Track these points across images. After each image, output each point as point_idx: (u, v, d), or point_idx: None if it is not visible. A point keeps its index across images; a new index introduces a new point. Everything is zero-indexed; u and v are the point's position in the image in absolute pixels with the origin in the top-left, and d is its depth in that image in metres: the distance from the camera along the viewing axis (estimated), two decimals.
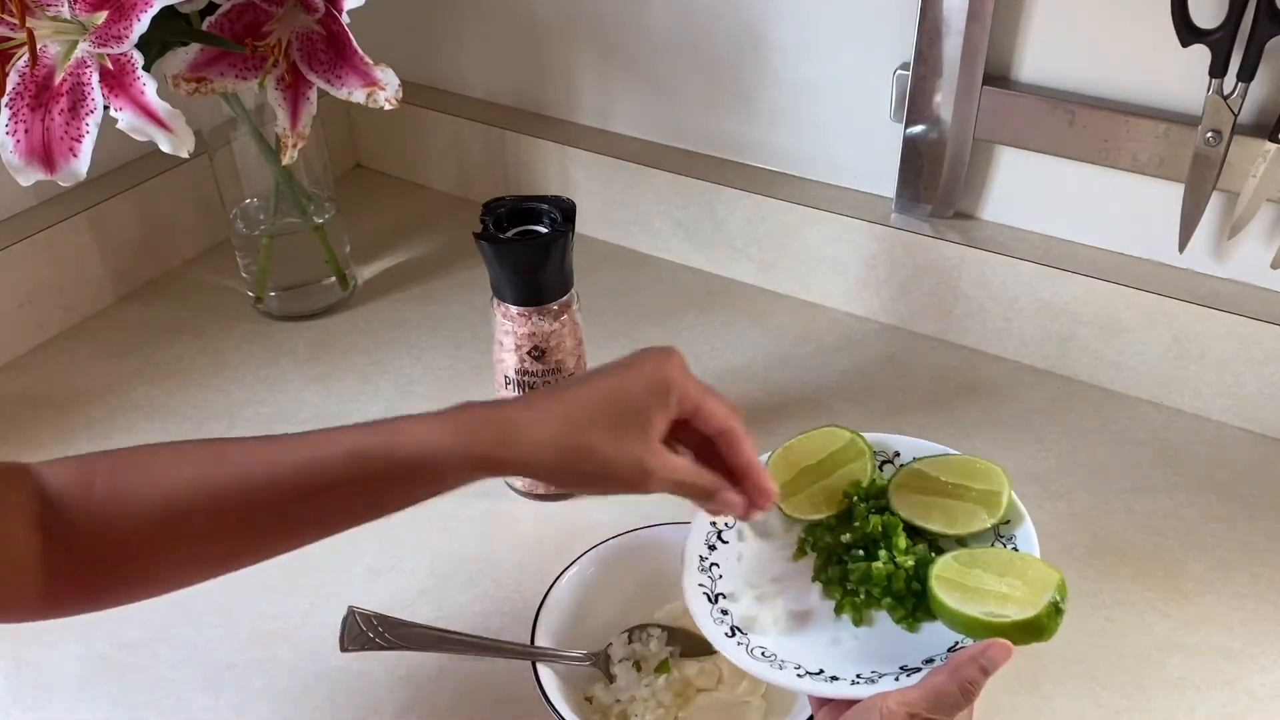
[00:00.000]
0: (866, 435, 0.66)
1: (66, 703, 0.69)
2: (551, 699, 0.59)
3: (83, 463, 0.54)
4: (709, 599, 0.60)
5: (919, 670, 0.53)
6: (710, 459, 0.58)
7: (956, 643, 0.55)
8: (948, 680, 0.50)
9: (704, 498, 0.58)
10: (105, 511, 0.53)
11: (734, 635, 0.58)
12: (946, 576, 0.56)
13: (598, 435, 0.54)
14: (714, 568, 0.61)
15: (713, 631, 0.58)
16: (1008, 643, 0.51)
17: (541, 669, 0.61)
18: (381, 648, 0.61)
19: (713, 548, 0.63)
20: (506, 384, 0.79)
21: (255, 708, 0.69)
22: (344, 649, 0.61)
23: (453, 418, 0.55)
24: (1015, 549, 0.59)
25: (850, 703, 0.52)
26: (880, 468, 0.65)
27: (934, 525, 0.61)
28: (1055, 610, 0.52)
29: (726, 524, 0.64)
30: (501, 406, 0.57)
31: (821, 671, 0.55)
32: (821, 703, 0.55)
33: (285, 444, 0.55)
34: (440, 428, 0.54)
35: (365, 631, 0.61)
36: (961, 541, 0.60)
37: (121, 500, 0.53)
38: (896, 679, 0.53)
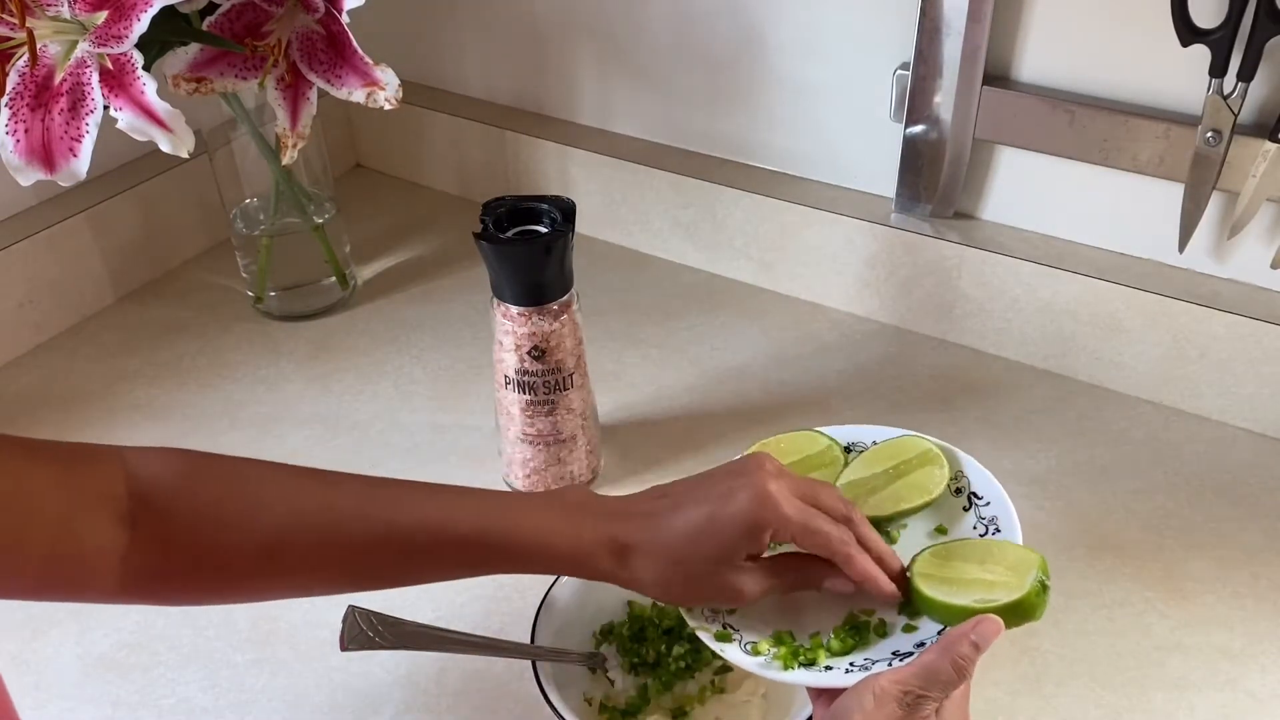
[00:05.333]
0: (835, 430, 0.67)
1: (66, 703, 0.69)
2: (551, 699, 0.59)
3: (186, 465, 0.54)
4: None
5: (912, 655, 0.53)
6: None
7: (946, 627, 0.55)
8: (939, 657, 0.50)
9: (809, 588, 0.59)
10: (205, 524, 0.53)
11: (725, 630, 0.58)
12: (928, 573, 0.57)
13: (695, 570, 0.56)
14: None
15: (704, 629, 0.58)
16: (998, 618, 0.51)
17: (541, 668, 0.61)
18: (381, 647, 0.61)
19: None
20: (506, 384, 0.79)
21: (255, 708, 0.69)
22: (344, 648, 0.61)
23: (572, 521, 0.57)
24: (974, 493, 0.61)
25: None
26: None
27: (913, 503, 0.62)
28: (1042, 588, 0.53)
29: None
30: (615, 523, 0.57)
31: (814, 662, 0.55)
32: (820, 692, 0.55)
33: (404, 502, 0.56)
34: (560, 529, 0.56)
35: (365, 631, 0.61)
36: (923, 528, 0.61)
37: (226, 518, 0.53)
38: (890, 665, 0.53)
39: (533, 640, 0.63)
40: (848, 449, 0.66)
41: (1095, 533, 0.78)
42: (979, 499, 0.61)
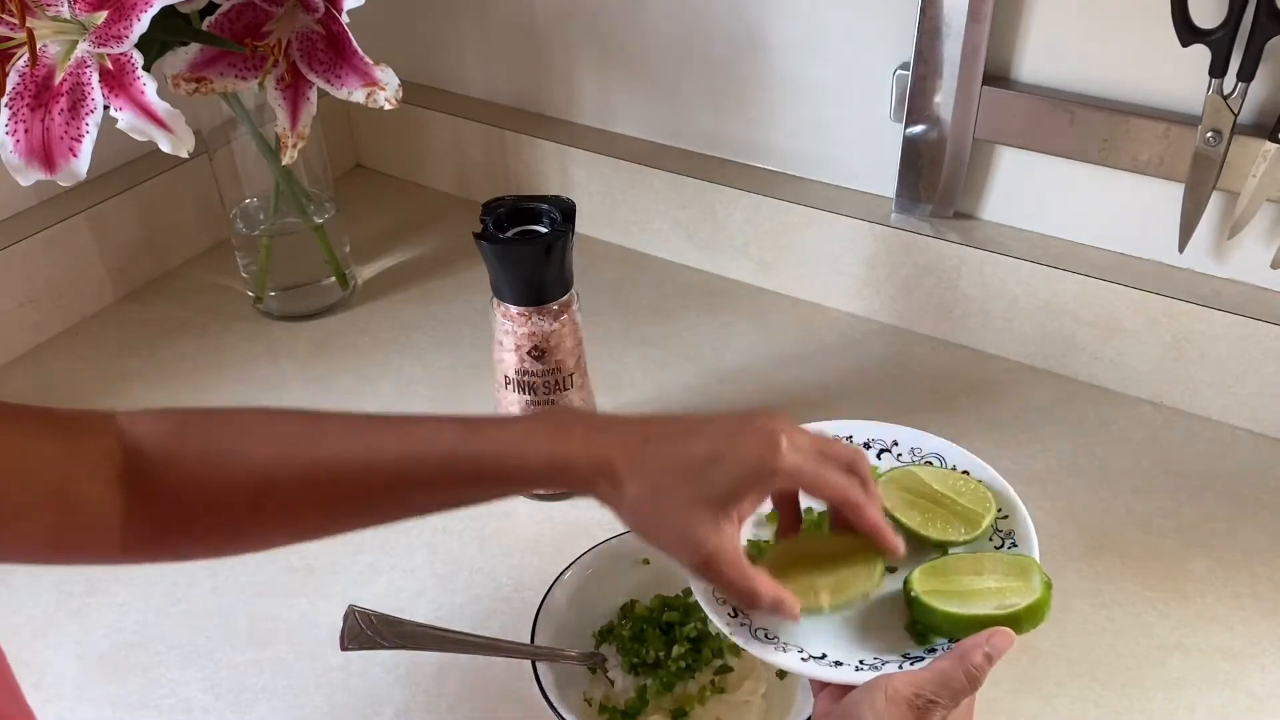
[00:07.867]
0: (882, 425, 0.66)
1: (66, 703, 0.69)
2: (551, 699, 0.59)
3: (175, 420, 0.55)
4: None
5: (922, 659, 0.53)
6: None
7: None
8: (954, 665, 0.50)
9: (746, 605, 0.56)
10: (195, 474, 0.54)
11: (737, 616, 0.57)
12: (931, 589, 0.55)
13: (674, 507, 0.53)
14: None
15: (717, 611, 0.57)
16: (1010, 630, 0.51)
17: (541, 669, 0.61)
18: (381, 647, 0.61)
19: None
20: (506, 384, 0.79)
21: (255, 708, 0.69)
22: (344, 648, 0.61)
23: (553, 436, 0.55)
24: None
25: (852, 687, 0.52)
26: (879, 456, 0.65)
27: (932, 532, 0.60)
28: (1049, 587, 0.53)
29: None
30: (598, 438, 0.55)
31: (825, 656, 0.55)
32: (823, 685, 0.55)
33: (385, 432, 0.56)
34: (543, 444, 0.55)
35: (365, 631, 0.61)
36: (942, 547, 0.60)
37: (214, 465, 0.54)
38: (900, 667, 0.53)
39: (533, 640, 0.63)
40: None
41: (1095, 533, 0.78)
42: (999, 512, 0.61)
